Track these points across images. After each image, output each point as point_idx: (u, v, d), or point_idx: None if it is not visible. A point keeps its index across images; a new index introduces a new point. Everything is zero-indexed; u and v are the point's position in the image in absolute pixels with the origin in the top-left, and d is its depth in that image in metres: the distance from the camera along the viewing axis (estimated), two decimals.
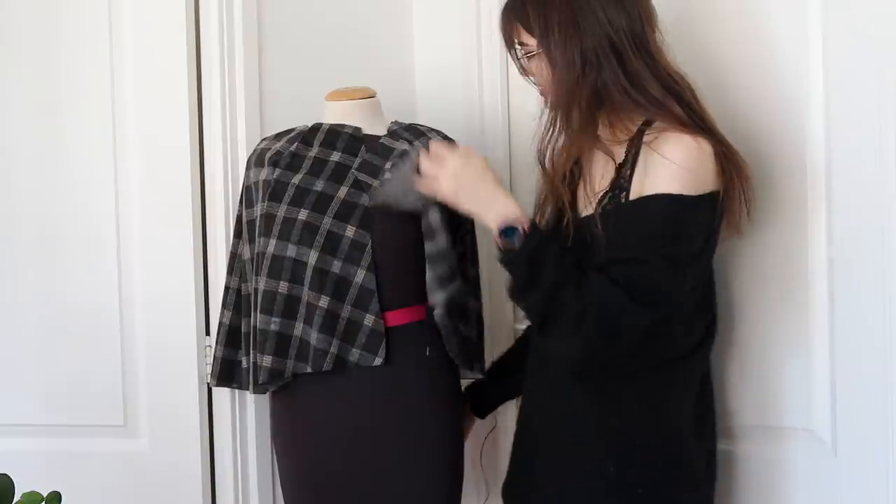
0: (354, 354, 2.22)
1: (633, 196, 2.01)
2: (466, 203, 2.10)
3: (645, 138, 2.02)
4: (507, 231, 2.03)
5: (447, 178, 2.11)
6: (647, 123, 2.04)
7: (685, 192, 1.96)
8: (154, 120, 2.55)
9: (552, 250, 2.03)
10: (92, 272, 2.58)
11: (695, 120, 2.03)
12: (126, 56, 2.56)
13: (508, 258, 2.04)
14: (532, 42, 2.08)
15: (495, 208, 2.06)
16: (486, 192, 2.09)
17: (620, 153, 2.06)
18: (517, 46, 2.11)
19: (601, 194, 2.06)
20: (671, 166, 1.96)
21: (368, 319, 2.22)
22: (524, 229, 2.03)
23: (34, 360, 2.60)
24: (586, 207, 2.10)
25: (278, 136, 2.37)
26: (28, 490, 1.78)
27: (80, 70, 2.59)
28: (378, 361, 2.20)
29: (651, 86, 2.04)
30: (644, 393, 2.07)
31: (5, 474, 1.81)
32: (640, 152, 2.03)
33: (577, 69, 2.03)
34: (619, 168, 2.05)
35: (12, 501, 1.78)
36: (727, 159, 2.02)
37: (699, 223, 2.00)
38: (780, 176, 2.22)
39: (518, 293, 2.06)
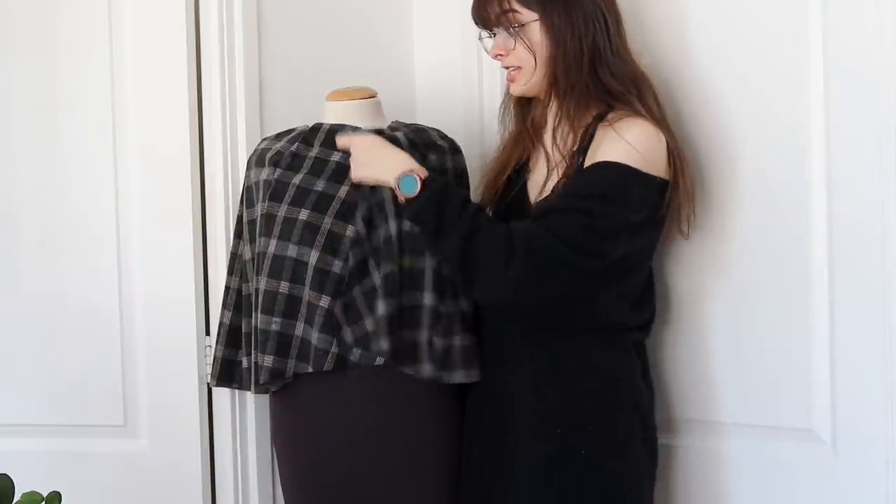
0: (355, 354, 2.21)
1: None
2: (366, 170, 2.14)
3: (607, 120, 2.11)
4: (405, 181, 2.08)
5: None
6: (607, 110, 2.13)
7: (636, 167, 2.06)
8: (154, 120, 2.55)
9: (455, 194, 2.11)
10: (92, 273, 2.58)
11: (660, 113, 2.15)
12: (126, 56, 2.55)
13: (413, 207, 2.09)
14: (524, 11, 2.14)
15: (393, 165, 2.12)
16: (381, 156, 2.14)
17: (575, 140, 2.16)
18: (509, 16, 2.15)
19: (556, 180, 2.14)
20: (627, 144, 2.06)
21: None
22: (421, 177, 2.09)
23: (34, 360, 2.60)
24: (540, 195, 2.18)
25: (279, 137, 2.37)
26: (28, 490, 1.79)
27: (79, 70, 2.58)
28: (379, 361, 2.20)
29: (631, 71, 2.15)
30: (590, 354, 2.16)
31: (5, 474, 1.81)
32: (594, 138, 2.12)
33: (579, 31, 2.11)
34: (573, 155, 2.14)
35: (12, 501, 1.78)
36: (676, 156, 2.12)
37: (644, 197, 2.09)
38: (780, 177, 2.22)
39: (431, 242, 2.11)
